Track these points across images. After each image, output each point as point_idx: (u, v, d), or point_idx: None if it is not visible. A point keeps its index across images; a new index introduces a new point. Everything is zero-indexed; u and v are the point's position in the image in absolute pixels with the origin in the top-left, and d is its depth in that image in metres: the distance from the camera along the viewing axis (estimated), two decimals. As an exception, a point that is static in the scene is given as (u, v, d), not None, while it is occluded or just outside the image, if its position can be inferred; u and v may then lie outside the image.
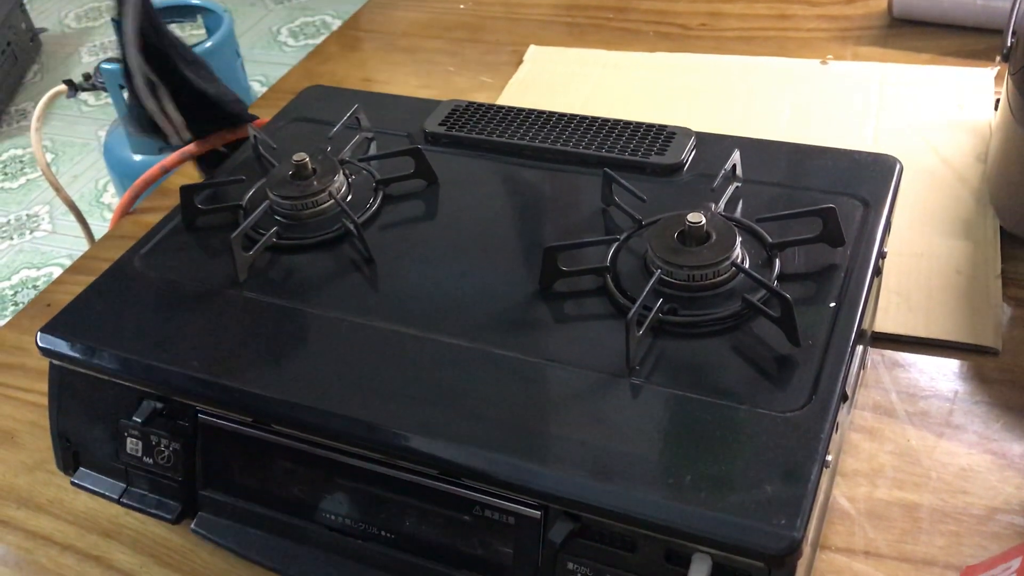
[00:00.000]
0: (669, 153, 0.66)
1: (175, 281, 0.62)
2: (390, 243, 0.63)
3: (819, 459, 0.45)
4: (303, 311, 0.58)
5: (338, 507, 0.54)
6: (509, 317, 0.56)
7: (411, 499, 0.51)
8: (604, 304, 0.56)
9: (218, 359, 0.56)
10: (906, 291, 0.74)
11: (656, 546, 0.46)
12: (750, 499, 0.44)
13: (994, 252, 0.76)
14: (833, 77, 1.00)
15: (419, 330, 0.56)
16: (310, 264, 0.62)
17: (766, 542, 0.42)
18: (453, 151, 0.71)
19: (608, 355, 0.53)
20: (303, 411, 0.52)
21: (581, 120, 0.71)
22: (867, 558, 0.58)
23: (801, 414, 0.47)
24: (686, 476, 0.45)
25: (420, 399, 0.52)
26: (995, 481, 0.61)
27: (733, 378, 0.51)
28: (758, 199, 0.62)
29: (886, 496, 0.61)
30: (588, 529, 0.47)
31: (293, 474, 0.55)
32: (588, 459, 0.47)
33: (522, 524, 0.49)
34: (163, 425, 0.58)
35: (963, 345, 0.70)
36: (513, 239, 0.63)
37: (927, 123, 0.90)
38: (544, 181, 0.67)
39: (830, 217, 0.56)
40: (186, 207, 0.67)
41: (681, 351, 0.53)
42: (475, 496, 0.50)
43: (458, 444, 0.49)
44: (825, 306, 0.53)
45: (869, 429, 0.65)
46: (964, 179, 0.83)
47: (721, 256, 0.55)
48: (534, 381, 0.52)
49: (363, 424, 0.51)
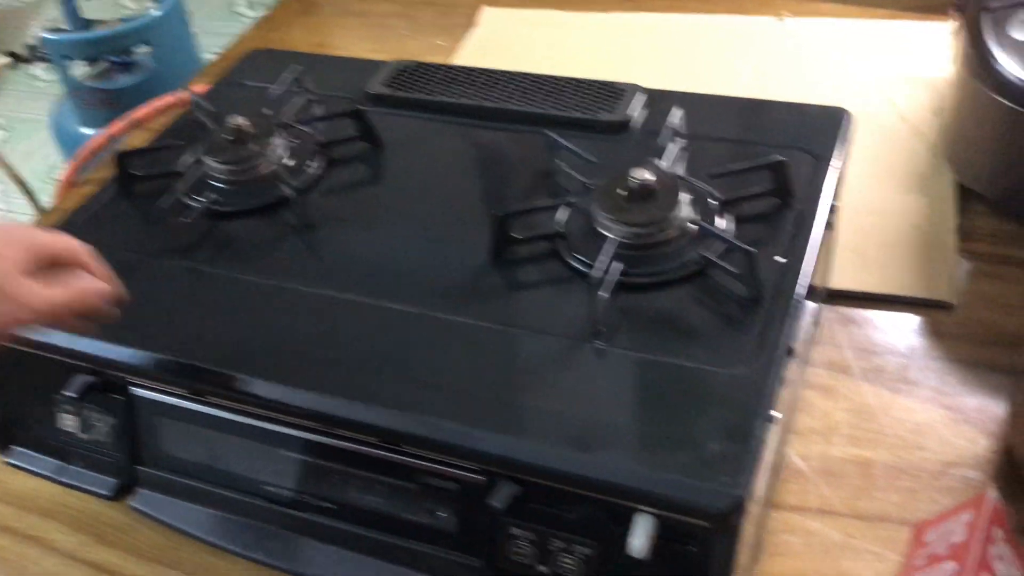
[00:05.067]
0: (617, 110, 0.64)
1: (110, 250, 0.60)
2: (332, 208, 0.61)
3: (763, 415, 0.44)
4: (239, 279, 0.57)
5: (279, 479, 0.52)
6: (458, 283, 0.55)
7: (353, 468, 0.50)
8: (556, 268, 0.55)
9: (150, 330, 0.54)
10: (862, 248, 0.73)
11: (601, 508, 0.45)
12: (693, 458, 0.43)
13: (950, 207, 0.75)
14: (790, 34, 0.98)
15: (361, 296, 0.54)
16: (248, 231, 0.60)
17: (709, 501, 0.42)
18: (398, 112, 0.69)
19: (561, 319, 0.51)
20: (238, 381, 0.50)
21: (529, 79, 0.69)
22: (821, 515, 0.57)
23: (746, 370, 0.46)
24: (629, 437, 0.44)
25: (361, 366, 0.50)
26: (949, 436, 0.60)
27: (682, 336, 0.49)
28: (707, 155, 0.60)
29: (840, 453, 0.60)
30: (532, 493, 0.46)
31: (232, 447, 0.53)
32: (531, 423, 0.46)
33: (466, 490, 0.47)
34: (97, 400, 0.56)
35: (918, 300, 0.69)
36: (461, 203, 0.61)
37: (885, 78, 0.89)
38: (492, 142, 0.65)
39: (780, 171, 0.55)
40: (122, 174, 0.65)
41: (633, 311, 0.51)
42: (418, 464, 0.48)
43: (398, 411, 0.47)
44: (773, 261, 0.52)
45: (824, 387, 0.64)
46: (921, 134, 0.82)
47: (668, 212, 0.53)
48: (483, 346, 0.50)
49: (300, 393, 0.49)
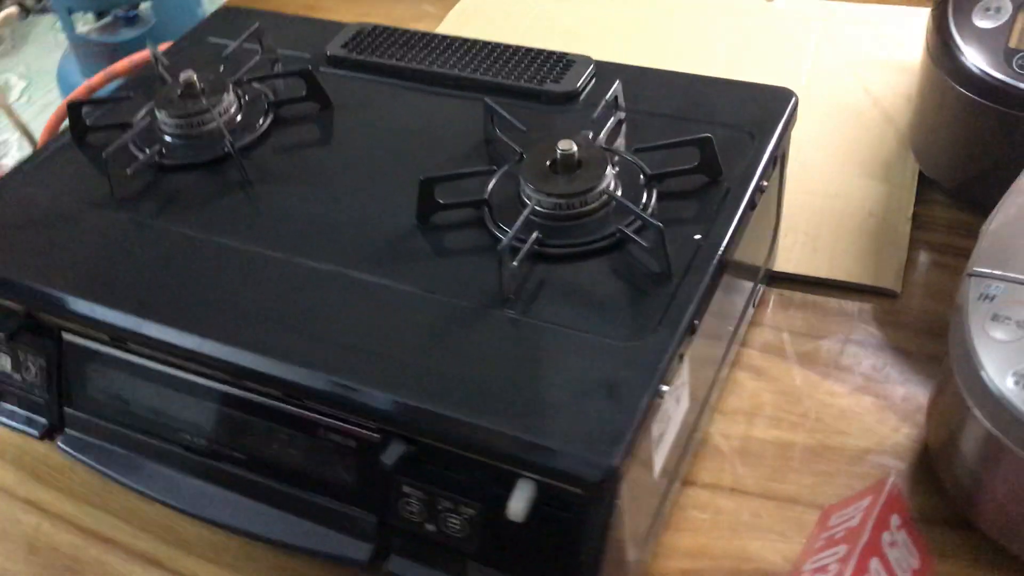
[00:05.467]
0: (565, 81, 0.64)
1: (54, 197, 0.61)
2: (274, 166, 0.62)
3: (651, 389, 0.44)
4: (172, 231, 0.57)
5: (193, 428, 0.53)
6: (381, 245, 0.55)
7: (261, 420, 0.51)
8: (481, 236, 0.55)
9: (81, 276, 0.55)
10: (815, 231, 0.73)
11: (486, 470, 0.45)
12: (575, 426, 0.43)
13: (909, 195, 0.74)
14: (776, 14, 0.97)
15: (285, 254, 0.55)
16: (191, 185, 0.61)
17: (583, 469, 0.42)
18: (353, 74, 0.69)
19: (474, 285, 0.51)
20: (154, 330, 0.51)
21: (484, 46, 0.69)
22: (732, 494, 0.58)
23: (642, 344, 0.47)
24: (518, 402, 0.45)
25: (273, 321, 0.51)
26: (873, 423, 0.60)
27: (589, 307, 0.50)
28: (645, 129, 0.60)
29: (762, 435, 0.61)
30: (423, 453, 0.47)
31: (151, 394, 0.54)
32: (427, 384, 0.46)
33: (363, 447, 0.48)
34: (30, 341, 0.57)
35: (864, 287, 0.69)
36: (399, 167, 0.61)
37: (864, 62, 0.88)
38: (439, 107, 0.66)
39: (706, 147, 0.54)
40: (74, 123, 0.66)
41: (547, 280, 0.52)
42: (320, 419, 0.49)
43: (300, 366, 0.48)
44: (690, 238, 0.52)
45: (756, 368, 0.65)
46: (892, 120, 0.82)
47: (590, 184, 0.53)
48: (393, 307, 0.51)
49: (210, 344, 0.50)
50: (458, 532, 0.47)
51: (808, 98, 0.85)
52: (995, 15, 0.64)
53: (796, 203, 0.75)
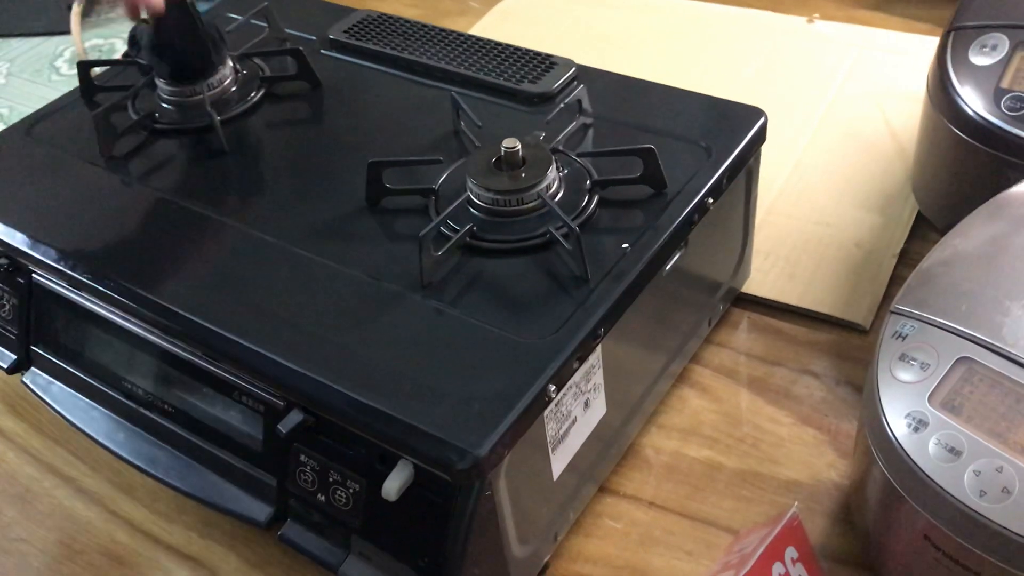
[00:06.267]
0: (542, 83, 0.65)
1: (54, 148, 0.65)
2: (253, 139, 0.65)
3: (535, 388, 0.45)
4: (146, 191, 0.61)
5: (133, 377, 0.56)
6: (328, 224, 0.57)
7: (186, 376, 0.54)
8: (424, 223, 0.56)
9: (56, 226, 0.59)
10: (795, 258, 0.71)
11: (371, 448, 0.47)
12: (455, 415, 0.44)
13: (903, 231, 0.72)
14: (814, 36, 0.95)
15: (239, 223, 0.57)
16: (176, 150, 0.65)
17: (450, 456, 0.43)
18: (348, 58, 0.72)
19: (402, 269, 0.53)
20: (103, 279, 0.54)
21: (476, 42, 0.70)
22: (650, 508, 0.57)
23: (540, 343, 0.47)
24: (407, 386, 0.46)
25: (212, 285, 0.53)
26: (809, 455, 0.59)
27: (504, 303, 0.50)
28: (607, 136, 0.60)
29: (694, 453, 0.60)
30: (319, 425, 0.48)
31: (102, 341, 0.58)
32: (330, 358, 0.48)
33: (269, 413, 0.50)
34: (6, 280, 0.61)
35: (833, 319, 0.67)
36: (369, 151, 0.63)
37: (891, 92, 0.86)
38: (422, 97, 0.67)
39: (649, 158, 0.54)
40: (82, 81, 0.70)
41: (471, 272, 0.53)
42: (235, 382, 0.51)
43: (219, 327, 0.50)
44: (618, 246, 0.52)
45: (703, 386, 0.64)
46: (903, 153, 0.79)
47: (528, 184, 0.54)
48: (321, 283, 0.53)
49: (148, 299, 0.53)
50: (344, 505, 0.48)
51: (826, 123, 0.83)
52: (991, 52, 0.61)
53: (782, 226, 0.74)
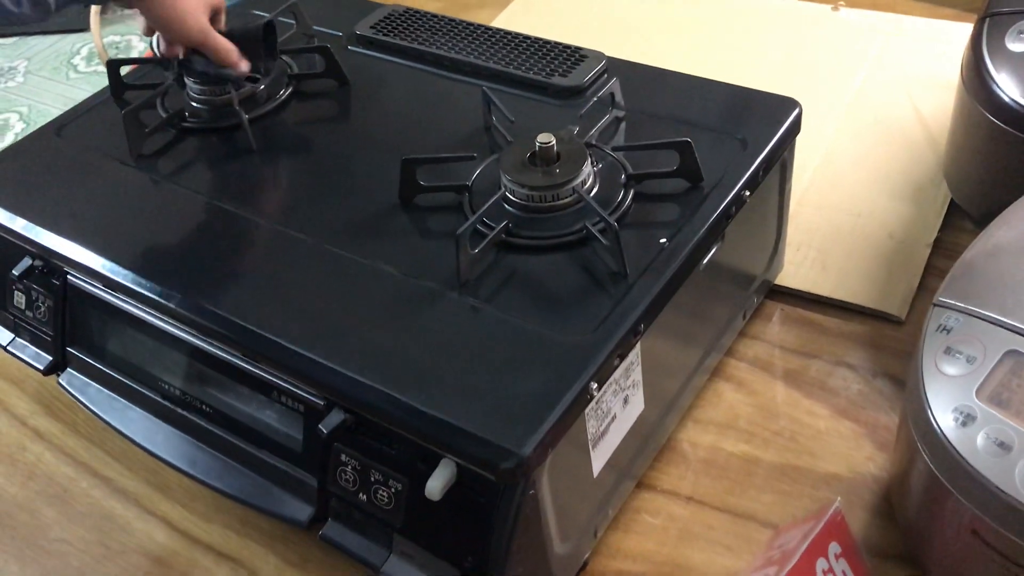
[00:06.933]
0: (573, 76, 0.64)
1: (83, 150, 0.65)
2: (282, 137, 0.65)
3: (578, 386, 0.45)
4: (176, 191, 0.61)
5: (170, 377, 0.56)
6: (361, 222, 0.57)
7: (224, 376, 0.54)
8: (459, 220, 0.56)
9: (87, 226, 0.59)
10: (828, 249, 0.71)
11: (413, 448, 0.47)
12: (497, 415, 0.44)
13: (935, 221, 0.71)
14: (840, 24, 0.94)
15: (270, 222, 0.57)
16: (205, 148, 0.65)
17: (495, 456, 0.43)
18: (376, 54, 0.71)
19: (439, 267, 0.53)
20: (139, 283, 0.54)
21: (504, 35, 0.70)
22: (688, 503, 0.57)
23: (580, 340, 0.47)
24: (449, 385, 0.46)
25: (244, 284, 0.54)
26: (847, 448, 0.59)
27: (543, 300, 0.50)
28: (641, 129, 0.60)
29: (731, 447, 0.60)
30: (360, 424, 0.48)
31: (139, 342, 0.58)
32: (371, 358, 0.48)
33: (309, 412, 0.50)
34: (41, 282, 0.61)
35: (867, 310, 0.66)
36: (400, 147, 0.62)
37: (920, 79, 0.85)
38: (451, 92, 0.67)
39: (686, 151, 0.54)
40: (112, 81, 0.70)
41: (509, 269, 0.52)
42: (275, 382, 0.51)
43: (257, 328, 0.50)
44: (655, 241, 0.52)
45: (739, 380, 0.64)
46: (934, 142, 0.78)
47: (564, 179, 0.54)
48: (356, 281, 0.53)
49: (179, 298, 0.53)
50: (386, 505, 0.48)
51: (854, 111, 0.83)
52: (1029, 38, 0.61)
53: (814, 217, 0.73)
